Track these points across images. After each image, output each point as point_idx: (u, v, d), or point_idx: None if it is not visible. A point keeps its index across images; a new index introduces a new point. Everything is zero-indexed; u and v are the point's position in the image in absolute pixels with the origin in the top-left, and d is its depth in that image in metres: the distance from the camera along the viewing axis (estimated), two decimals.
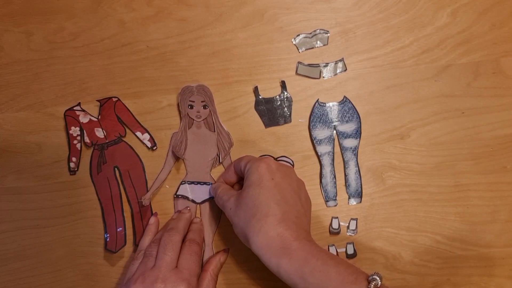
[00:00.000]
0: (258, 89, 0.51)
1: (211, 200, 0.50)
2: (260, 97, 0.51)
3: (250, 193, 0.41)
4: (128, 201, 0.50)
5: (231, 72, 0.52)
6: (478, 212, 0.50)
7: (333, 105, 0.51)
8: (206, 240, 0.49)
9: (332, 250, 0.49)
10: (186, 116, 0.50)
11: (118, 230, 0.49)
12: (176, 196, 0.50)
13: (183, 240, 0.46)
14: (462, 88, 0.51)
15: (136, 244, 0.49)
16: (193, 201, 0.50)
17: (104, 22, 0.52)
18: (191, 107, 0.50)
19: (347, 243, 0.49)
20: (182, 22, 0.52)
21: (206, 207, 0.50)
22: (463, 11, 0.52)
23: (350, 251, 0.49)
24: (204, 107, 0.50)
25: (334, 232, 0.50)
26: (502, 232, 0.49)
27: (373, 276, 0.35)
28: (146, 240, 0.48)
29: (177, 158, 0.51)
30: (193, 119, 0.50)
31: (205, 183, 0.50)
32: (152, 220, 0.49)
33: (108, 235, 0.49)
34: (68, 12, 0.52)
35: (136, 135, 0.51)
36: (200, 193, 0.50)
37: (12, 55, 0.52)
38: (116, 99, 0.51)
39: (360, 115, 0.51)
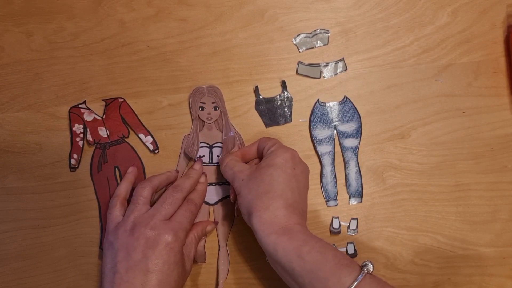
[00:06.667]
0: (259, 88, 0.51)
1: (225, 200, 0.50)
2: (260, 97, 0.51)
3: (269, 172, 0.42)
4: (127, 201, 0.50)
5: (232, 72, 0.52)
6: (478, 211, 0.50)
7: (333, 105, 0.51)
8: (220, 242, 0.49)
9: None
10: (197, 118, 0.50)
11: None
12: None
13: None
14: (463, 88, 0.51)
15: None
16: (206, 202, 0.50)
17: (104, 22, 0.52)
18: (202, 108, 0.50)
19: (347, 243, 0.49)
20: (182, 22, 0.52)
21: (219, 208, 0.50)
22: (464, 11, 0.52)
23: (351, 250, 0.49)
24: (215, 108, 0.50)
25: (335, 232, 0.50)
26: (503, 232, 0.49)
27: (366, 262, 0.37)
28: (122, 187, 0.47)
29: (189, 160, 0.50)
30: (204, 121, 0.50)
31: (217, 184, 0.50)
32: (130, 169, 0.49)
33: (103, 234, 0.49)
34: (68, 12, 0.53)
35: (139, 137, 0.51)
36: (213, 194, 0.50)
37: (12, 55, 0.52)
38: (122, 100, 0.51)
39: (360, 114, 0.51)
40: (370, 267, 0.37)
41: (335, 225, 0.50)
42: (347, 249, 0.49)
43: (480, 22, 0.52)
